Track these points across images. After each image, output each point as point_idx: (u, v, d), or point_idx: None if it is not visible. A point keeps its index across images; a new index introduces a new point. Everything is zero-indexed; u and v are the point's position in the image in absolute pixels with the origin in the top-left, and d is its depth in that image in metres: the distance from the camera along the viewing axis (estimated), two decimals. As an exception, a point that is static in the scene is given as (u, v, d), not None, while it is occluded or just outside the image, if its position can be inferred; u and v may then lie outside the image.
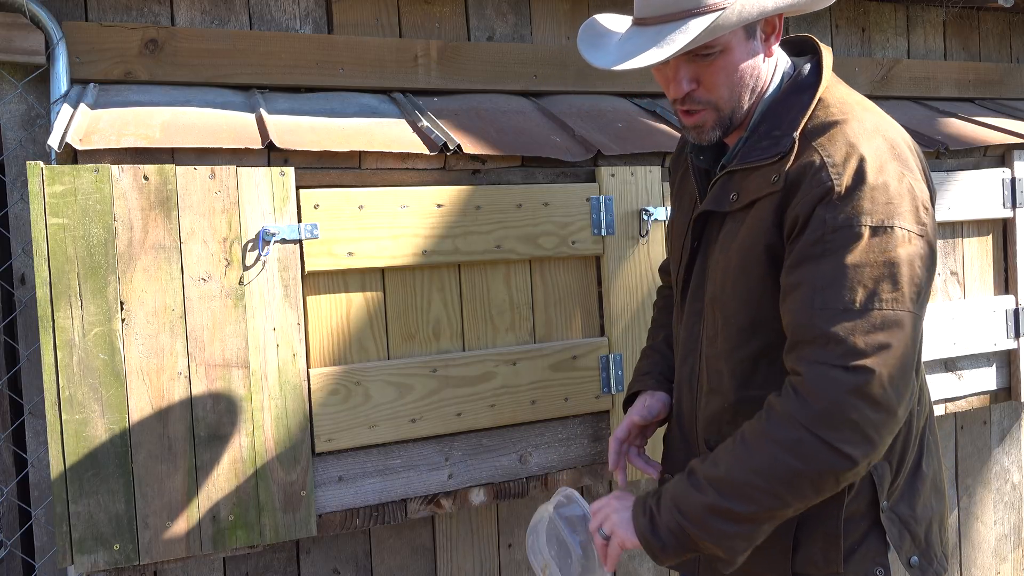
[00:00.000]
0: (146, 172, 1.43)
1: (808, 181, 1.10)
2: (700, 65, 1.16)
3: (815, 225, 1.08)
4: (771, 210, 1.15)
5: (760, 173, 1.17)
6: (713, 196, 1.26)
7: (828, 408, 1.03)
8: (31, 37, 1.65)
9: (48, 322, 1.37)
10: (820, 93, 1.18)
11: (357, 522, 1.62)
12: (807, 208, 1.09)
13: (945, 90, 2.70)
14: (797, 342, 1.09)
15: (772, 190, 1.14)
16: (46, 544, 1.72)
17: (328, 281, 1.60)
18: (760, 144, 1.19)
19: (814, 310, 1.06)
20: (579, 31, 1.27)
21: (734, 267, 1.20)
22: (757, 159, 1.18)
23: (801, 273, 1.09)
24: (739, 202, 1.20)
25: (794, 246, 1.11)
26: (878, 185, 1.08)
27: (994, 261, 2.29)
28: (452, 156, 1.68)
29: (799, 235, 1.10)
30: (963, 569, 2.69)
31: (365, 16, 2.01)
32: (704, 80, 1.17)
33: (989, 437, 2.71)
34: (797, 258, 1.10)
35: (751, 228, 1.18)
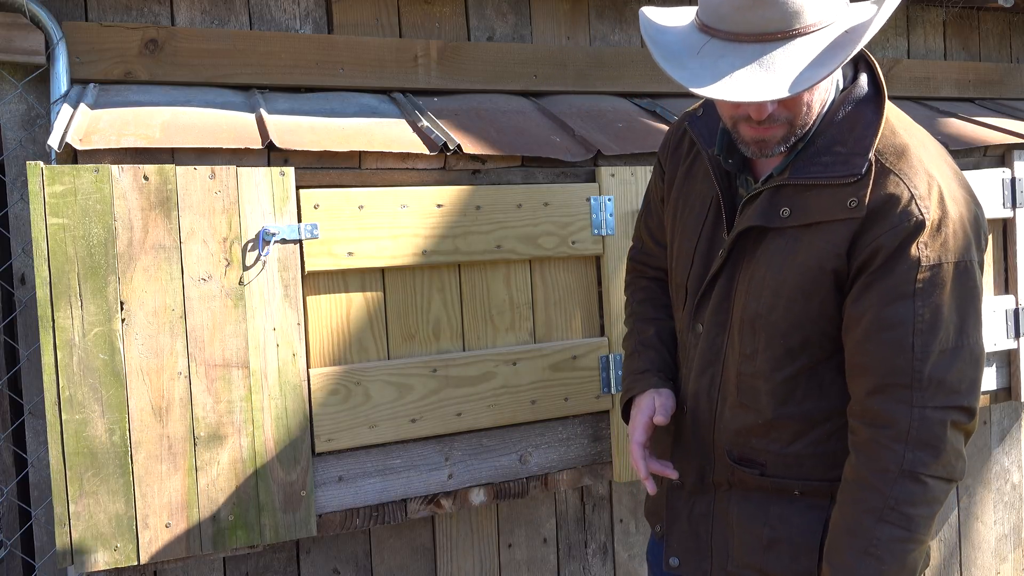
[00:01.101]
0: (146, 172, 1.43)
1: (897, 214, 1.09)
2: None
3: (906, 261, 1.08)
4: (844, 235, 1.12)
5: (828, 193, 1.13)
6: (760, 210, 1.18)
7: (938, 449, 1.08)
8: (31, 37, 1.65)
9: (48, 322, 1.37)
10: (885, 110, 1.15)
11: (357, 522, 1.62)
12: (894, 241, 1.08)
13: (945, 90, 2.70)
14: (889, 384, 1.09)
15: (850, 216, 1.11)
16: (46, 544, 1.72)
17: (328, 281, 1.60)
18: (820, 160, 1.14)
19: (913, 352, 1.07)
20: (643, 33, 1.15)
21: (790, 288, 1.16)
22: (820, 176, 1.13)
23: (893, 312, 1.08)
24: (794, 220, 1.15)
25: (872, 277, 1.10)
26: (957, 219, 1.10)
27: (994, 261, 2.29)
28: (452, 156, 1.68)
29: (882, 267, 1.09)
30: (963, 569, 2.69)
31: (365, 16, 2.01)
32: (790, 105, 1.10)
33: (989, 437, 2.71)
34: (885, 294, 1.09)
35: (816, 250, 1.14)
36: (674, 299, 1.40)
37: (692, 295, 1.31)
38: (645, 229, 1.51)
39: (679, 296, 1.36)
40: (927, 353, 1.07)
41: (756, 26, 1.03)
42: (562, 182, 1.80)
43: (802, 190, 1.15)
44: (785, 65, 1.02)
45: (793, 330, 1.18)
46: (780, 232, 1.18)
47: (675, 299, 1.40)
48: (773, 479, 1.26)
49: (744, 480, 1.29)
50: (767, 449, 1.25)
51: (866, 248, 1.10)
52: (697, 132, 1.31)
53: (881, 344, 1.10)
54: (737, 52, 1.04)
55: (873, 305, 1.10)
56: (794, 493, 1.26)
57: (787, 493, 1.26)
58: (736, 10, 1.03)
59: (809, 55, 1.02)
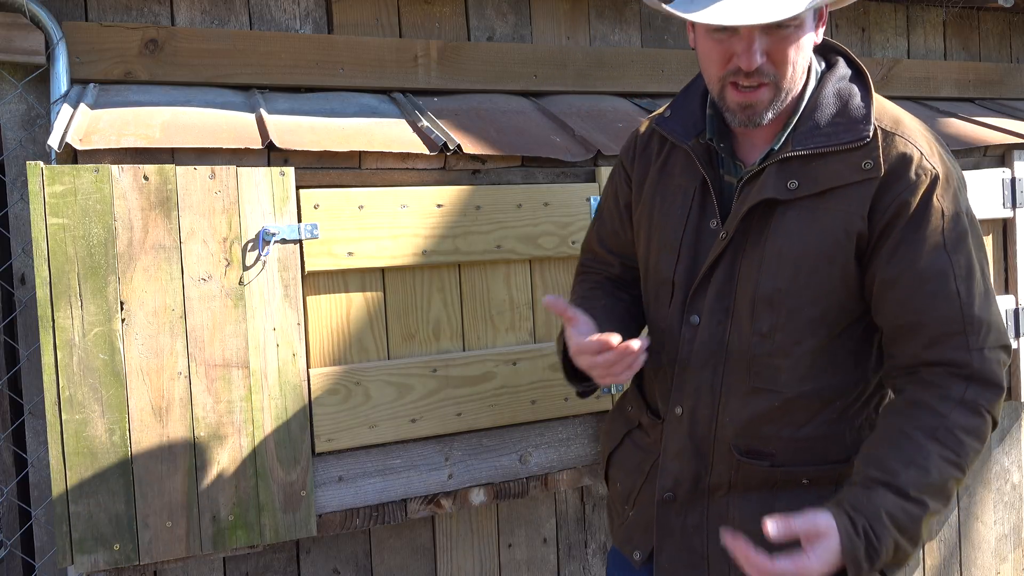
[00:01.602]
0: (146, 172, 1.43)
1: (913, 170, 1.14)
2: (773, 38, 1.13)
3: (932, 214, 1.13)
4: (864, 197, 1.15)
5: (836, 159, 1.17)
6: (767, 184, 1.19)
7: (998, 388, 1.13)
8: (31, 37, 1.65)
9: (48, 322, 1.37)
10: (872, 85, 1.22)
11: (357, 522, 1.62)
12: (916, 196, 1.13)
13: (945, 90, 2.70)
14: (944, 334, 1.12)
15: (866, 177, 1.15)
16: (46, 544, 1.72)
17: (328, 281, 1.60)
18: (821, 131, 1.18)
19: (960, 299, 1.12)
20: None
21: (813, 256, 1.18)
22: (827, 144, 1.17)
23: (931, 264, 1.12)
24: (804, 190, 1.17)
25: (903, 234, 1.13)
26: (956, 175, 1.19)
27: (994, 261, 2.29)
28: (452, 156, 1.68)
29: (910, 223, 1.13)
30: (963, 569, 2.69)
31: (365, 16, 2.01)
32: (774, 54, 1.14)
33: (989, 437, 2.71)
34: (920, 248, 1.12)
35: (837, 215, 1.16)
36: (653, 299, 1.35)
37: (683, 288, 1.29)
38: (596, 239, 1.49)
39: (662, 293, 1.32)
40: (972, 297, 1.12)
41: None
42: (562, 182, 1.80)
43: (808, 161, 1.18)
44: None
45: (815, 301, 1.19)
46: (791, 205, 1.19)
47: (655, 298, 1.35)
48: (783, 469, 1.25)
49: (748, 477, 1.27)
50: (779, 436, 1.24)
51: (890, 206, 1.14)
52: (669, 130, 1.33)
53: (927, 297, 1.12)
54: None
55: (910, 261, 1.13)
56: (802, 482, 1.25)
57: (794, 484, 1.25)
58: None
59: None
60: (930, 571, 2.62)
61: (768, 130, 1.24)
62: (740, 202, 1.22)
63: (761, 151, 1.25)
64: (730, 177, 1.28)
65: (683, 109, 1.33)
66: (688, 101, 1.33)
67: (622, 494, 1.42)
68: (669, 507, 1.32)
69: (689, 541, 1.30)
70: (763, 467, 1.25)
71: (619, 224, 1.45)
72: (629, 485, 1.40)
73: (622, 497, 1.42)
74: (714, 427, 1.27)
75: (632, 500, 1.39)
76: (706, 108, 1.30)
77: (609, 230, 1.47)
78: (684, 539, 1.30)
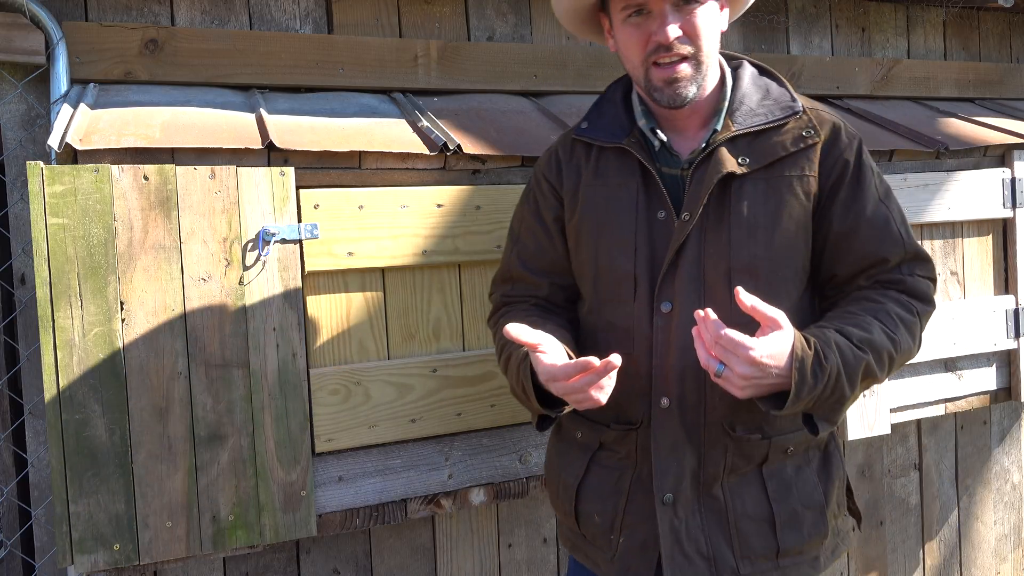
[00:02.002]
0: (146, 172, 1.43)
1: (844, 135, 1.32)
2: (683, 14, 1.25)
3: (868, 170, 1.32)
4: (811, 160, 1.29)
5: (777, 134, 1.30)
6: (723, 162, 1.27)
7: (929, 302, 1.32)
8: (31, 37, 1.65)
9: (48, 322, 1.37)
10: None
11: (357, 522, 1.62)
12: (853, 155, 1.31)
13: (945, 90, 2.70)
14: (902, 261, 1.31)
15: (811, 142, 1.29)
16: (46, 544, 1.72)
17: (328, 281, 1.60)
18: (756, 112, 1.32)
19: (903, 239, 1.31)
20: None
21: (783, 219, 1.28)
22: (767, 121, 1.30)
23: (876, 209, 1.31)
24: (755, 163, 1.28)
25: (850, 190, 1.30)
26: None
27: (994, 261, 2.29)
28: (452, 156, 1.68)
29: (853, 179, 1.30)
30: (963, 569, 2.69)
31: (365, 16, 2.01)
32: (686, 28, 1.25)
33: (989, 437, 2.71)
34: (866, 200, 1.30)
35: (791, 180, 1.29)
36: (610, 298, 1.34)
37: (648, 279, 1.30)
38: (518, 264, 1.45)
39: (623, 289, 1.32)
40: (910, 236, 1.32)
41: None
42: (562, 182, 1.80)
43: (753, 139, 1.30)
44: None
45: (788, 262, 1.30)
46: (745, 179, 1.29)
47: (613, 297, 1.33)
48: (773, 440, 1.30)
49: (742, 456, 1.29)
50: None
51: (835, 166, 1.30)
52: (594, 136, 1.38)
53: (879, 240, 1.30)
54: None
55: (860, 211, 1.30)
56: (787, 452, 1.32)
57: (782, 455, 1.32)
58: None
59: None
60: (930, 571, 2.62)
61: (697, 122, 1.34)
62: (697, 184, 1.29)
63: (696, 141, 1.34)
64: (669, 168, 1.34)
65: (603, 118, 1.40)
66: (606, 110, 1.41)
67: (603, 525, 1.36)
68: (670, 511, 1.30)
69: (695, 545, 1.29)
70: (756, 441, 1.29)
71: (546, 241, 1.42)
72: (610, 511, 1.35)
73: (604, 528, 1.36)
74: (704, 410, 1.28)
75: (618, 526, 1.34)
76: (631, 109, 1.39)
77: (532, 251, 1.44)
78: (690, 543, 1.29)
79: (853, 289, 1.32)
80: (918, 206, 2.11)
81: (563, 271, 1.43)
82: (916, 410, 2.18)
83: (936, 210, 2.14)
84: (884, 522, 2.52)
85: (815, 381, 1.13)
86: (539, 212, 1.44)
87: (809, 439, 1.33)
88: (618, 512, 1.34)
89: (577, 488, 1.39)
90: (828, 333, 1.18)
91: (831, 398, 1.16)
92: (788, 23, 2.52)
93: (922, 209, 2.12)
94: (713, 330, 1.11)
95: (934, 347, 2.15)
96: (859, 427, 2.06)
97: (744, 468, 1.30)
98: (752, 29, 2.47)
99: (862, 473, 2.48)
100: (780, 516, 1.30)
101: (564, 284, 1.44)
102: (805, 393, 1.13)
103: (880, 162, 2.09)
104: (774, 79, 1.38)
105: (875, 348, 1.20)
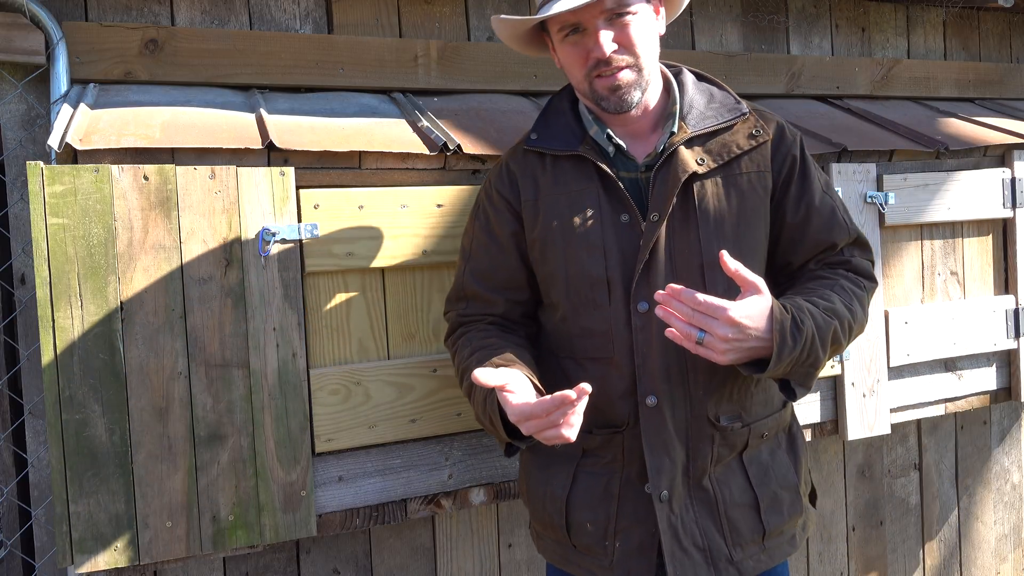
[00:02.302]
0: (146, 172, 1.43)
1: (788, 132, 1.40)
2: (616, 28, 1.28)
3: (810, 164, 1.41)
4: (765, 156, 1.36)
5: (728, 133, 1.36)
6: (682, 163, 1.32)
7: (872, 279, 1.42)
8: (31, 37, 1.65)
9: (48, 322, 1.37)
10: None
11: (357, 522, 1.62)
12: (798, 151, 1.39)
13: (945, 90, 2.70)
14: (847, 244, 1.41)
15: (762, 140, 1.36)
16: (46, 544, 1.72)
17: (328, 281, 1.60)
18: (705, 115, 1.37)
19: (847, 225, 1.41)
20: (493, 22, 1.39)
21: (748, 214, 1.34)
22: (718, 123, 1.36)
23: (822, 200, 1.40)
24: (714, 162, 1.34)
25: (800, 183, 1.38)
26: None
27: (994, 261, 2.29)
28: (452, 156, 1.68)
29: (801, 174, 1.39)
30: (963, 569, 2.69)
31: (365, 16, 2.01)
32: (621, 40, 1.28)
33: (989, 437, 2.71)
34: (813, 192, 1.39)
35: (749, 176, 1.35)
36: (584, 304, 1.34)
37: (623, 281, 1.31)
38: (472, 281, 1.43)
39: (598, 294, 1.32)
40: (852, 223, 1.42)
41: None
42: (562, 182, 1.80)
43: (706, 140, 1.35)
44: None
45: (754, 254, 1.35)
46: (705, 179, 1.33)
47: (588, 302, 1.33)
48: (752, 426, 1.36)
49: (725, 447, 1.34)
50: (746, 393, 1.35)
51: (785, 162, 1.38)
52: (547, 146, 1.39)
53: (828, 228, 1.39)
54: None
55: (809, 202, 1.38)
56: (763, 436, 1.38)
57: (758, 440, 1.37)
58: None
59: None
60: (930, 571, 2.62)
61: (647, 125, 1.38)
62: (662, 185, 1.32)
63: (648, 144, 1.38)
64: (626, 172, 1.36)
65: (553, 127, 1.41)
66: (554, 120, 1.42)
67: (597, 533, 1.35)
68: (667, 507, 1.31)
69: (692, 538, 1.31)
70: (738, 429, 1.34)
71: (500, 257, 1.41)
72: (603, 517, 1.35)
73: (599, 536, 1.35)
74: (690, 405, 1.31)
75: (612, 531, 1.34)
76: (580, 118, 1.41)
77: (486, 268, 1.42)
78: (687, 537, 1.31)
79: (804, 273, 1.40)
80: (918, 206, 2.11)
81: (518, 287, 1.43)
82: (916, 410, 2.18)
83: (936, 210, 2.14)
84: (884, 522, 2.53)
85: (794, 343, 1.18)
86: (491, 228, 1.43)
87: (779, 422, 1.41)
88: (611, 518, 1.34)
89: (566, 499, 1.37)
90: (798, 301, 1.25)
91: (807, 361, 1.22)
92: (788, 23, 2.52)
93: (922, 209, 2.12)
94: (690, 298, 1.14)
95: (934, 347, 2.15)
96: (859, 427, 2.06)
97: (727, 457, 1.35)
98: (752, 29, 2.47)
99: (862, 473, 2.48)
100: (763, 500, 1.35)
101: (519, 300, 1.44)
102: (786, 354, 1.17)
103: (880, 162, 2.09)
104: (714, 84, 1.43)
105: (839, 316, 1.27)
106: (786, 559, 1.40)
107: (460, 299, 1.47)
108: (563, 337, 1.38)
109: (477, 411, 1.33)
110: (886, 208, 2.06)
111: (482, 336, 1.39)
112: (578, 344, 1.36)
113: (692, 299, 1.14)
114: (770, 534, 1.36)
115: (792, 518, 1.39)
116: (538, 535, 1.49)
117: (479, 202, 1.47)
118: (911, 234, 2.16)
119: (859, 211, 2.03)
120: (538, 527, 1.47)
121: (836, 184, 2.00)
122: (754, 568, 1.34)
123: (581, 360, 1.36)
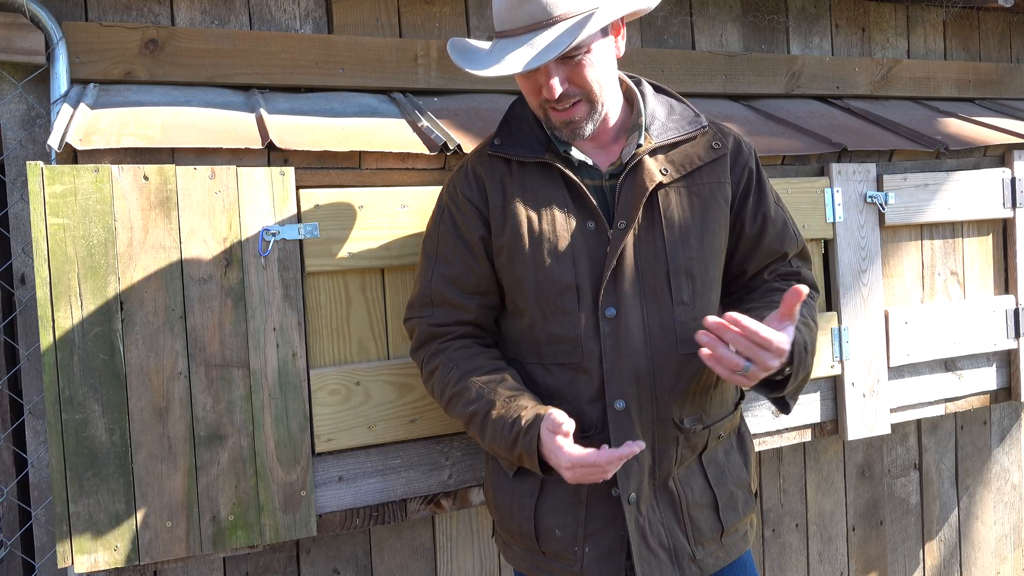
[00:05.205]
0: (146, 172, 1.43)
1: (743, 146, 1.45)
2: (567, 67, 1.27)
3: (763, 178, 1.46)
4: (724, 168, 1.41)
5: (689, 145, 1.40)
6: (648, 173, 1.34)
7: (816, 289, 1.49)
8: (31, 37, 1.65)
9: (48, 322, 1.37)
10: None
11: (357, 522, 1.63)
12: (753, 164, 1.45)
13: (945, 90, 2.70)
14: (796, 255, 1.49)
15: (721, 153, 1.41)
16: (46, 544, 1.72)
17: (328, 281, 1.60)
18: (668, 126, 1.40)
19: (797, 238, 1.49)
20: (448, 48, 1.38)
21: (711, 222, 1.38)
22: (681, 134, 1.39)
23: (776, 211, 1.47)
24: (677, 172, 1.37)
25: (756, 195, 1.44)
26: None
27: (994, 261, 2.29)
28: (452, 156, 1.68)
29: (756, 186, 1.44)
30: (963, 569, 2.69)
31: (365, 16, 2.01)
32: (575, 79, 1.28)
33: (989, 437, 2.71)
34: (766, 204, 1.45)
35: (711, 187, 1.39)
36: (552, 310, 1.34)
37: (591, 287, 1.32)
38: (445, 286, 1.40)
39: (566, 300, 1.32)
40: (800, 235, 1.50)
41: (524, 20, 1.25)
42: (562, 182, 1.80)
43: (668, 151, 1.38)
44: (545, 42, 1.23)
45: (715, 261, 1.39)
46: (668, 188, 1.37)
47: (556, 309, 1.33)
48: (711, 427, 1.39)
49: (690, 448, 1.37)
50: (705, 396, 1.38)
51: (743, 174, 1.43)
52: (514, 152, 1.39)
53: (780, 238, 1.46)
54: (515, 43, 1.26)
55: (764, 214, 1.44)
56: (719, 438, 1.42)
57: (716, 443, 1.41)
58: (508, 11, 1.26)
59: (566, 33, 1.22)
60: (930, 571, 2.62)
61: (610, 136, 1.40)
62: (628, 193, 1.34)
63: (611, 154, 1.40)
64: (590, 180, 1.38)
65: (517, 133, 1.41)
66: (517, 127, 1.42)
67: (566, 539, 1.35)
68: (635, 509, 1.33)
69: (658, 538, 1.34)
70: (699, 431, 1.37)
71: (471, 261, 1.39)
72: (572, 523, 1.35)
73: (568, 542, 1.35)
74: (656, 408, 1.33)
75: (583, 536, 1.35)
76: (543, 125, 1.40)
77: (458, 271, 1.40)
78: (653, 537, 1.34)
79: (759, 283, 1.46)
80: (918, 206, 2.11)
81: (489, 291, 1.41)
82: (916, 410, 2.18)
83: (936, 210, 2.14)
84: (884, 522, 2.53)
85: (800, 364, 1.27)
86: (459, 232, 1.40)
87: (732, 423, 1.46)
88: (579, 523, 1.35)
89: (535, 507, 1.37)
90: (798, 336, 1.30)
91: (806, 376, 1.32)
92: (788, 23, 2.52)
93: (922, 209, 2.12)
94: (751, 329, 1.15)
95: (934, 347, 2.15)
96: (859, 427, 2.06)
97: (689, 459, 1.38)
98: (752, 29, 2.47)
99: (862, 473, 2.48)
100: (721, 499, 1.40)
101: (491, 304, 1.43)
102: (800, 375, 1.28)
103: (880, 162, 2.09)
104: (672, 96, 1.46)
105: (812, 330, 1.35)
106: (741, 555, 1.45)
107: (426, 304, 1.43)
108: (530, 343, 1.38)
109: (498, 444, 1.30)
110: (886, 208, 2.06)
111: (466, 356, 1.37)
112: (546, 350, 1.36)
113: (751, 330, 1.15)
114: (727, 531, 1.41)
115: (746, 515, 1.44)
116: (505, 543, 1.48)
117: (442, 206, 1.44)
118: (911, 234, 2.16)
119: (859, 211, 2.03)
120: (504, 535, 1.46)
121: (836, 184, 2.00)
122: (714, 565, 1.39)
123: (549, 366, 1.36)
